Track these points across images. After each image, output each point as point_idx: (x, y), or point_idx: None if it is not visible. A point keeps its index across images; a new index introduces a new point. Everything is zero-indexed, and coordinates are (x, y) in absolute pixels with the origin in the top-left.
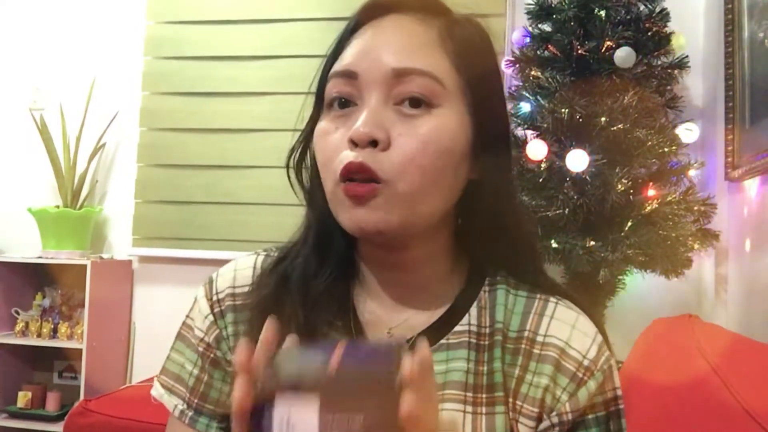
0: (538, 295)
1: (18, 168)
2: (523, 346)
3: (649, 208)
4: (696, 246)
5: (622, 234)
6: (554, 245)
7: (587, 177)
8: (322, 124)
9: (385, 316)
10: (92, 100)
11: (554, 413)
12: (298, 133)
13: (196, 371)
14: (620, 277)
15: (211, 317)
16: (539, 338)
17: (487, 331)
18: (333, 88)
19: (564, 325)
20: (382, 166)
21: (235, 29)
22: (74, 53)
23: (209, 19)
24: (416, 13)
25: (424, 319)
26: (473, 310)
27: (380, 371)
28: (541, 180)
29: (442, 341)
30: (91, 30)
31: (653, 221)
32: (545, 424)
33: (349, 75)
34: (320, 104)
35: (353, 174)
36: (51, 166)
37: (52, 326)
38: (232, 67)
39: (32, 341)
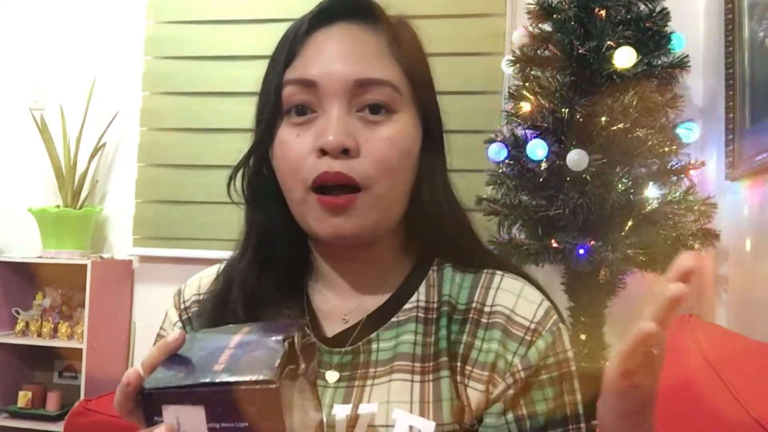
0: (485, 270)
1: (18, 168)
2: (471, 316)
3: (649, 208)
4: (696, 246)
5: (622, 234)
6: (554, 245)
7: (587, 177)
8: (283, 132)
9: (339, 304)
10: (92, 100)
11: (508, 374)
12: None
13: None
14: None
15: (179, 324)
16: (486, 308)
17: (435, 305)
18: (291, 96)
19: (510, 295)
20: (357, 173)
21: (236, 29)
22: (74, 53)
23: (209, 19)
24: (363, 21)
25: (376, 302)
26: (422, 288)
27: (264, 375)
28: (541, 180)
29: (393, 319)
30: (91, 30)
31: (653, 221)
32: (501, 387)
33: (308, 84)
34: (271, 107)
35: (328, 183)
36: (51, 166)
37: (52, 326)
38: (233, 67)
39: (32, 341)
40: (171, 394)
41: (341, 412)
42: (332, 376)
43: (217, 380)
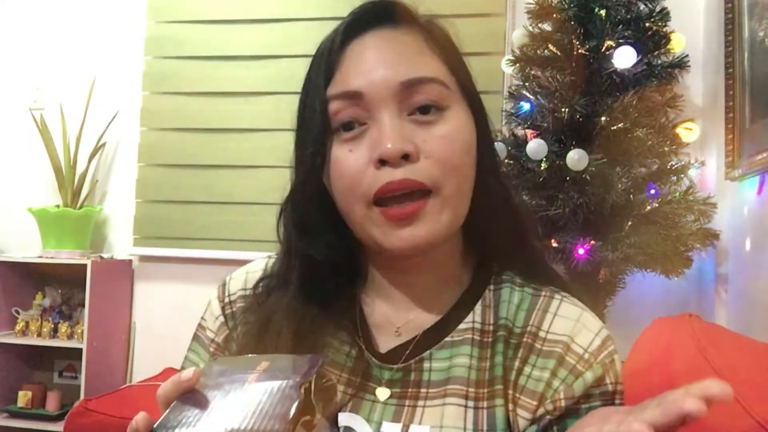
0: (543, 292)
1: (18, 168)
2: (525, 339)
3: (649, 207)
4: (696, 246)
5: (622, 234)
6: (554, 245)
7: (587, 177)
8: (335, 151)
9: (393, 316)
10: (92, 99)
11: (548, 401)
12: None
13: None
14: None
15: (222, 318)
16: (542, 333)
17: (491, 328)
18: (337, 113)
19: (569, 321)
20: (423, 176)
21: (236, 29)
22: (75, 53)
23: (209, 19)
24: (395, 24)
25: (431, 318)
26: (478, 308)
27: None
28: (541, 180)
29: (447, 339)
30: (91, 30)
31: (653, 221)
32: (540, 411)
33: (354, 96)
34: (318, 127)
35: (395, 192)
36: (51, 166)
37: (52, 326)
38: (233, 67)
39: (32, 341)
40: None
41: (390, 431)
42: (383, 393)
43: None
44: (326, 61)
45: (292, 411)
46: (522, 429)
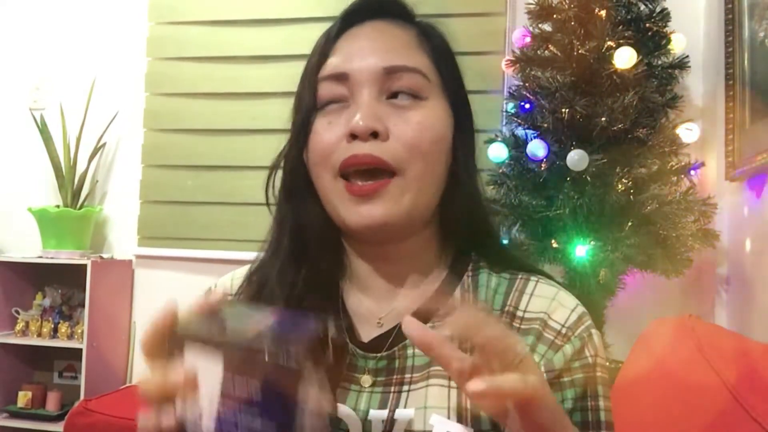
0: (519, 276)
1: (18, 168)
2: (503, 320)
3: (649, 208)
4: (696, 246)
5: (622, 234)
6: (554, 245)
7: (587, 177)
8: (316, 124)
9: (374, 307)
10: (93, 100)
11: None
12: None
13: None
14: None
15: None
16: (519, 313)
17: None
18: (324, 93)
19: (545, 300)
20: (388, 155)
21: (237, 30)
22: (75, 53)
23: (211, 20)
24: (392, 19)
25: (411, 305)
26: (457, 293)
27: (290, 355)
28: (541, 180)
29: (428, 325)
30: (92, 30)
31: (653, 221)
32: None
33: (340, 77)
34: (306, 105)
35: (358, 166)
36: (51, 166)
37: (52, 326)
38: (235, 67)
39: (32, 341)
40: (197, 336)
41: (377, 417)
42: (367, 381)
43: (245, 341)
44: (322, 48)
45: (308, 341)
46: None
